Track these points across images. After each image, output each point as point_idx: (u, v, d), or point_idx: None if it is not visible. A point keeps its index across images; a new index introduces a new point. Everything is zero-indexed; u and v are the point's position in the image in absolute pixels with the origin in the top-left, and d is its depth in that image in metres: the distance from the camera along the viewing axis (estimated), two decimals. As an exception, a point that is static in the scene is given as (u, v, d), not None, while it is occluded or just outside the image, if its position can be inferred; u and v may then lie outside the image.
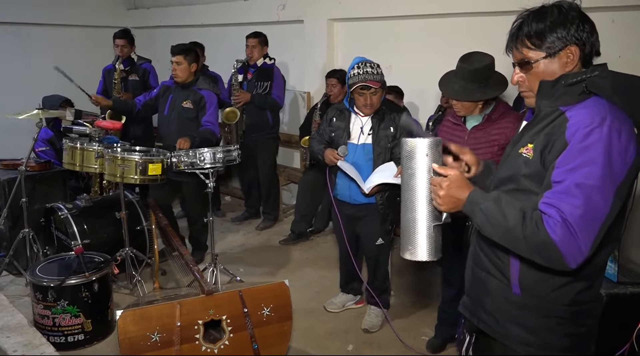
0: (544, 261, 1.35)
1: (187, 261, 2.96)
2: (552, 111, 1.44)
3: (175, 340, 2.41)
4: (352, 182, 3.06)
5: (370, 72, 2.94)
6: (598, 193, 1.30)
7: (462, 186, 1.46)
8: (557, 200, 1.32)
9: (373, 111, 3.06)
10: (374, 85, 2.95)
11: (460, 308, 1.76)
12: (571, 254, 1.29)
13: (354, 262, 3.33)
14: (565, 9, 1.44)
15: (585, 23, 1.43)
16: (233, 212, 5.49)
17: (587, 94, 1.41)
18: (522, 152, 1.48)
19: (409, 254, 1.54)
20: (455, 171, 1.48)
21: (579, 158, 1.32)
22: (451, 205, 1.47)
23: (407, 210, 1.53)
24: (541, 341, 1.53)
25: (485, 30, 3.95)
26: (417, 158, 1.50)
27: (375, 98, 3.01)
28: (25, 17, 6.13)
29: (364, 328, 3.31)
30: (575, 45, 1.43)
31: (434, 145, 1.50)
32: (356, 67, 2.98)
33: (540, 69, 1.47)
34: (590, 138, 1.32)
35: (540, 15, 1.45)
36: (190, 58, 3.90)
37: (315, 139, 3.31)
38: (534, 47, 1.46)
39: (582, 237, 1.28)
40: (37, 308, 3.06)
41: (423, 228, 1.51)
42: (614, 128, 1.32)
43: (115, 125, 3.67)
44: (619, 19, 3.30)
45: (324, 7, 4.93)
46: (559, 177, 1.34)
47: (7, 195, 3.71)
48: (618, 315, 2.34)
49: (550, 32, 1.43)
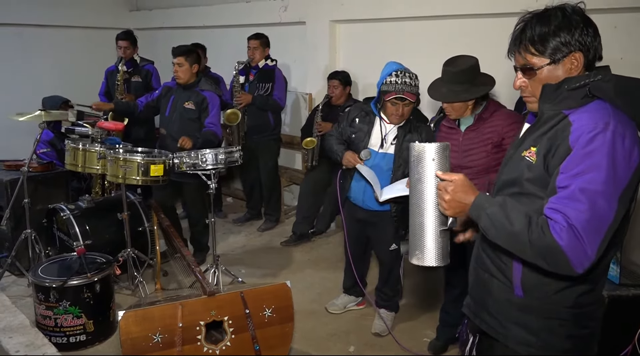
0: (549, 266, 1.35)
1: (188, 262, 2.96)
2: (555, 115, 1.44)
3: (177, 341, 2.41)
4: (367, 187, 3.01)
5: (409, 84, 2.83)
6: (603, 198, 1.30)
7: (467, 191, 1.46)
8: (563, 205, 1.32)
9: (402, 121, 2.97)
10: (411, 98, 2.85)
11: (464, 309, 1.77)
12: (578, 259, 1.29)
13: (358, 266, 3.31)
14: (569, 12, 1.42)
15: (589, 27, 1.42)
16: (235, 213, 5.49)
17: (590, 98, 1.40)
18: (525, 155, 1.48)
19: (417, 259, 1.56)
20: (460, 176, 1.48)
21: (583, 164, 1.31)
22: (457, 210, 1.47)
23: (414, 215, 1.55)
24: (542, 342, 1.53)
25: (486, 32, 3.95)
26: (425, 162, 1.51)
27: (407, 109, 2.91)
28: (27, 18, 6.15)
29: (375, 332, 3.29)
30: (579, 52, 1.42)
31: (441, 149, 1.51)
32: (394, 74, 2.84)
33: (543, 75, 1.46)
34: (594, 144, 1.31)
35: (544, 18, 1.44)
36: (191, 59, 3.91)
37: (334, 137, 3.19)
38: (538, 54, 1.45)
39: (589, 241, 1.29)
40: (39, 308, 3.06)
41: (431, 233, 1.52)
42: (618, 132, 1.32)
43: (118, 126, 3.67)
44: (620, 21, 3.30)
45: (326, 8, 4.94)
46: (564, 182, 1.34)
47: (10, 195, 3.72)
48: (620, 317, 2.34)
49: (553, 36, 1.42)
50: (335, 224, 5.06)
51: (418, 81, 2.90)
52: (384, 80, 2.88)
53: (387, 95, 2.87)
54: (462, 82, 2.57)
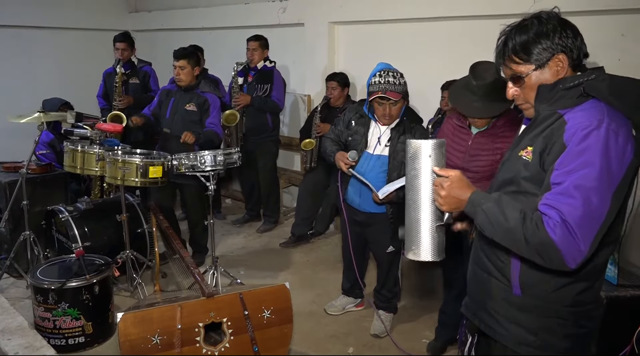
0: (544, 261, 1.37)
1: (187, 263, 2.96)
2: (551, 114, 1.46)
3: (176, 343, 2.41)
4: (362, 190, 3.01)
5: (392, 82, 2.81)
6: (596, 194, 1.32)
7: (463, 187, 1.49)
8: (556, 201, 1.34)
9: (392, 122, 2.96)
10: (394, 97, 2.83)
11: (462, 308, 1.78)
12: (570, 254, 1.31)
13: (358, 267, 3.31)
14: (545, 19, 1.47)
15: (566, 29, 1.46)
16: (234, 215, 5.49)
17: (585, 97, 1.43)
18: (521, 154, 1.50)
19: (412, 254, 1.58)
20: (456, 172, 1.50)
21: (577, 161, 1.34)
22: (453, 206, 1.50)
23: (410, 210, 1.57)
24: (541, 341, 1.54)
25: (484, 33, 3.93)
26: (421, 159, 1.53)
27: (394, 109, 2.90)
28: (26, 20, 6.15)
29: (374, 333, 3.29)
30: (562, 53, 1.45)
31: (438, 146, 1.53)
32: (378, 75, 2.84)
33: (532, 81, 1.50)
34: (588, 141, 1.34)
35: (522, 28, 1.48)
36: (193, 62, 3.93)
37: (330, 139, 3.17)
38: (522, 61, 1.49)
39: (582, 236, 1.30)
40: (37, 310, 3.06)
41: (426, 229, 1.54)
42: (611, 130, 1.34)
43: (116, 127, 3.67)
44: (619, 23, 3.31)
45: (324, 10, 4.95)
46: (558, 178, 1.36)
47: (8, 197, 3.71)
48: (618, 317, 2.35)
49: (534, 44, 1.46)
50: (334, 225, 5.06)
51: (403, 79, 2.89)
52: (369, 81, 2.90)
53: (372, 95, 2.88)
54: (493, 94, 2.48)
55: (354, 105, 3.33)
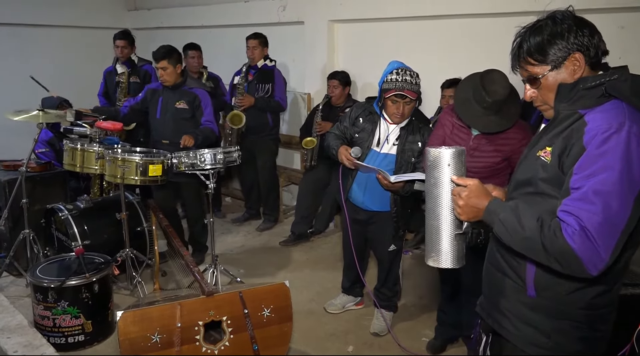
0: (563, 268, 1.34)
1: (187, 262, 2.96)
2: (571, 114, 1.43)
3: (176, 341, 2.41)
4: (367, 188, 3.01)
5: (409, 81, 2.80)
6: (616, 200, 1.28)
7: (480, 196, 1.48)
8: (575, 207, 1.31)
9: (402, 120, 2.94)
10: (411, 96, 2.82)
11: (477, 308, 1.77)
12: (591, 261, 1.28)
13: (359, 266, 3.31)
14: (560, 19, 1.44)
15: (583, 28, 1.43)
16: (233, 213, 5.49)
17: (606, 97, 1.39)
18: (540, 155, 1.48)
19: (433, 261, 1.60)
20: (474, 181, 1.50)
21: (597, 165, 1.30)
22: (471, 215, 1.50)
23: (430, 218, 1.59)
24: (553, 343, 1.53)
25: (484, 31, 3.96)
26: (440, 167, 1.54)
27: (408, 108, 2.88)
28: (25, 18, 6.13)
29: (374, 331, 3.29)
30: (578, 52, 1.42)
31: (457, 155, 1.53)
32: (395, 72, 2.82)
33: (549, 82, 1.47)
34: (608, 144, 1.30)
35: (537, 30, 1.46)
36: (174, 60, 3.87)
37: (334, 134, 3.14)
38: (538, 63, 1.47)
39: (602, 244, 1.27)
40: (37, 309, 3.06)
41: (446, 236, 1.56)
42: (633, 133, 1.31)
43: (116, 126, 3.66)
44: (621, 21, 3.31)
45: (324, 8, 4.94)
46: (577, 183, 1.33)
47: (8, 196, 3.71)
48: (618, 315, 2.33)
49: (549, 44, 1.43)
50: (334, 224, 5.06)
51: (419, 80, 2.87)
52: (384, 78, 2.87)
53: (387, 92, 2.85)
54: (505, 106, 2.48)
55: (362, 102, 3.31)
